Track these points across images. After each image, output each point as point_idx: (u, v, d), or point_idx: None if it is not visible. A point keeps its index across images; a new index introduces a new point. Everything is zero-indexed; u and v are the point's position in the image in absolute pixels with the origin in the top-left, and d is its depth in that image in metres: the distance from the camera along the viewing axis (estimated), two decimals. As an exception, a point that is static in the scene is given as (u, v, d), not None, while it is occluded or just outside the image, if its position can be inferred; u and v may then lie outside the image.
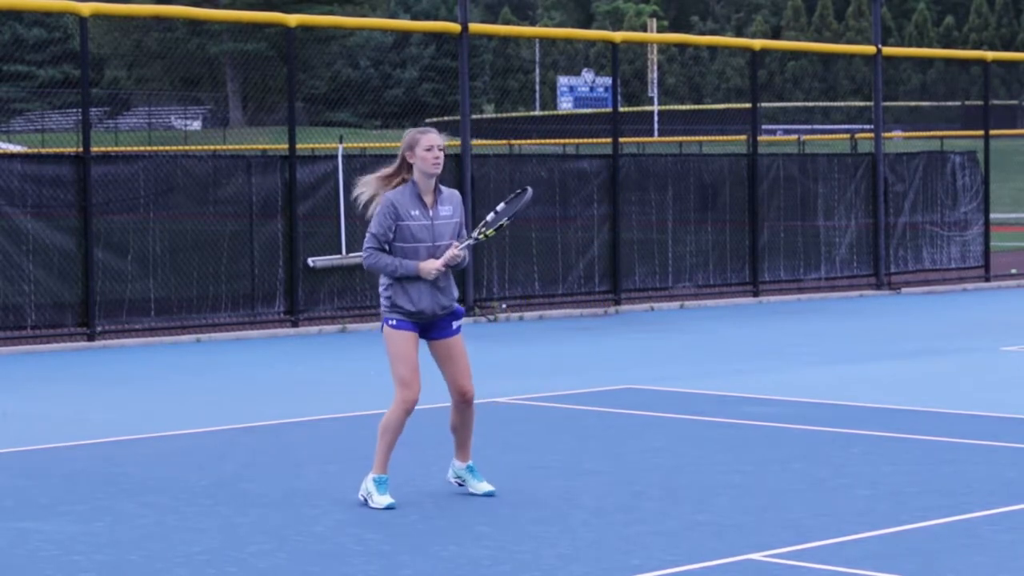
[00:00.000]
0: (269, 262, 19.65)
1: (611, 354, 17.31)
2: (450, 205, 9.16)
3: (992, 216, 27.78)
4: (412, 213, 9.03)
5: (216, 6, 58.23)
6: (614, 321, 21.15)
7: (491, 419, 12.60)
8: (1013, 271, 27.93)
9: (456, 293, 9.28)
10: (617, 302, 22.39)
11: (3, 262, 17.81)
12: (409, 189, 9.06)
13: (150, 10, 21.19)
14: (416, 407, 9.16)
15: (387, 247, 9.06)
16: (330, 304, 20.10)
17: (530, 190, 9.42)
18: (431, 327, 9.15)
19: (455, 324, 9.19)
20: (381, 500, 9.03)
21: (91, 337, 18.20)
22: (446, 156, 9.81)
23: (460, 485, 9.41)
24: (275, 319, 19.66)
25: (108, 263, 18.44)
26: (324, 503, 9.20)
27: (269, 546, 8.17)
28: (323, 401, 13.57)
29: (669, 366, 16.07)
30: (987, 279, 26.72)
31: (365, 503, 9.10)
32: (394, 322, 9.07)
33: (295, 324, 19.64)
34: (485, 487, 9.34)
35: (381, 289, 9.15)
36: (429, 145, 9.01)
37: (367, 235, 9.10)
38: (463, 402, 9.25)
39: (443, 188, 9.18)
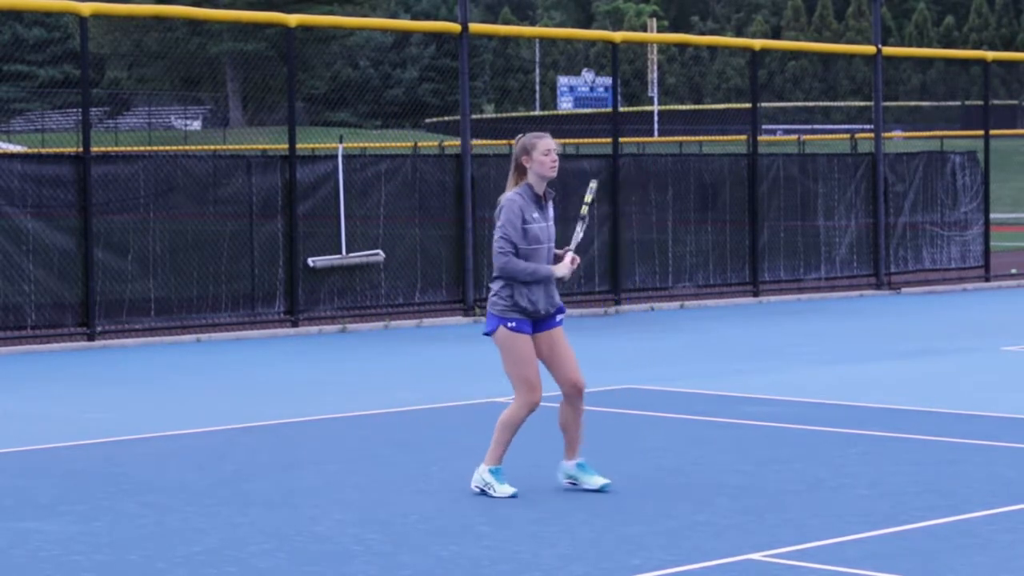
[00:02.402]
0: (269, 262, 19.65)
1: (611, 354, 17.30)
2: (551, 209, 9.37)
3: (992, 216, 27.78)
4: (533, 216, 9.22)
5: (216, 6, 58.21)
6: (614, 321, 21.15)
7: (491, 419, 12.59)
8: (1013, 271, 27.93)
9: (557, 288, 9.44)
10: (617, 302, 22.39)
11: (3, 262, 17.81)
12: (527, 192, 9.24)
13: (150, 10, 21.19)
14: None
15: (518, 248, 9.16)
16: (330, 304, 20.10)
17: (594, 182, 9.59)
18: (539, 323, 9.32)
19: (559, 317, 9.36)
20: (504, 489, 9.24)
21: (91, 337, 18.20)
22: (449, 156, 9.91)
23: (573, 485, 9.44)
24: (275, 319, 19.66)
25: (108, 263, 18.44)
26: (324, 503, 9.20)
27: (269, 546, 8.17)
28: (323, 401, 13.56)
29: (669, 366, 16.06)
30: (987, 279, 26.72)
31: (483, 493, 9.27)
32: (513, 324, 9.22)
33: (295, 324, 19.64)
34: (599, 481, 9.37)
35: (497, 288, 9.25)
36: (547, 149, 9.23)
37: (498, 238, 9.18)
38: (576, 394, 9.36)
39: (551, 191, 9.37)
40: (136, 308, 18.66)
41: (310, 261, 19.90)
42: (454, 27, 21.39)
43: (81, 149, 18.36)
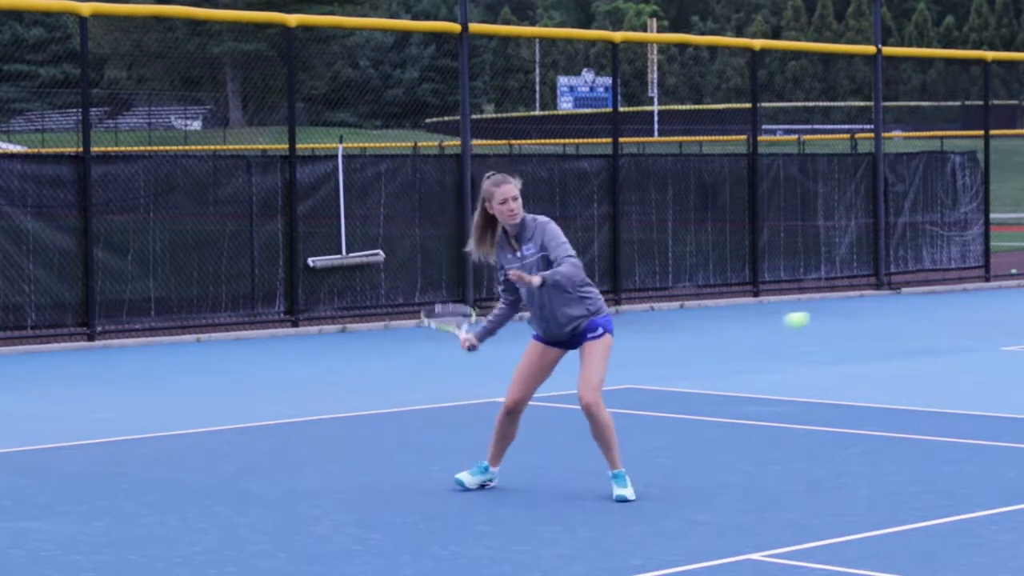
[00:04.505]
0: (269, 262, 19.65)
1: (611, 354, 17.26)
2: (532, 242, 9.31)
3: (992, 216, 27.79)
4: (507, 257, 9.34)
5: (216, 6, 58.21)
6: (614, 321, 21.11)
7: (492, 419, 12.60)
8: (1013, 271, 27.93)
9: (577, 314, 9.42)
10: (617, 302, 22.39)
11: (3, 262, 17.81)
12: (501, 239, 9.36)
13: (150, 10, 21.19)
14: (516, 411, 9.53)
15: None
16: (330, 304, 20.10)
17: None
18: (571, 342, 9.49)
19: (590, 335, 9.48)
20: (462, 474, 9.54)
21: (91, 337, 18.20)
22: (448, 156, 9.91)
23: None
24: (275, 319, 19.67)
25: (108, 263, 18.45)
26: (324, 503, 9.20)
27: (269, 546, 8.17)
28: (323, 401, 13.56)
29: (669, 366, 16.06)
30: (987, 279, 26.73)
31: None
32: (534, 334, 9.58)
33: (295, 324, 19.64)
34: (618, 491, 9.20)
35: None
36: (503, 199, 9.21)
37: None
38: (582, 407, 9.32)
39: (529, 223, 9.30)
40: (136, 308, 18.66)
41: (310, 261, 19.90)
42: (454, 27, 21.39)
43: (81, 149, 18.36)
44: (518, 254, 9.29)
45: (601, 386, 9.36)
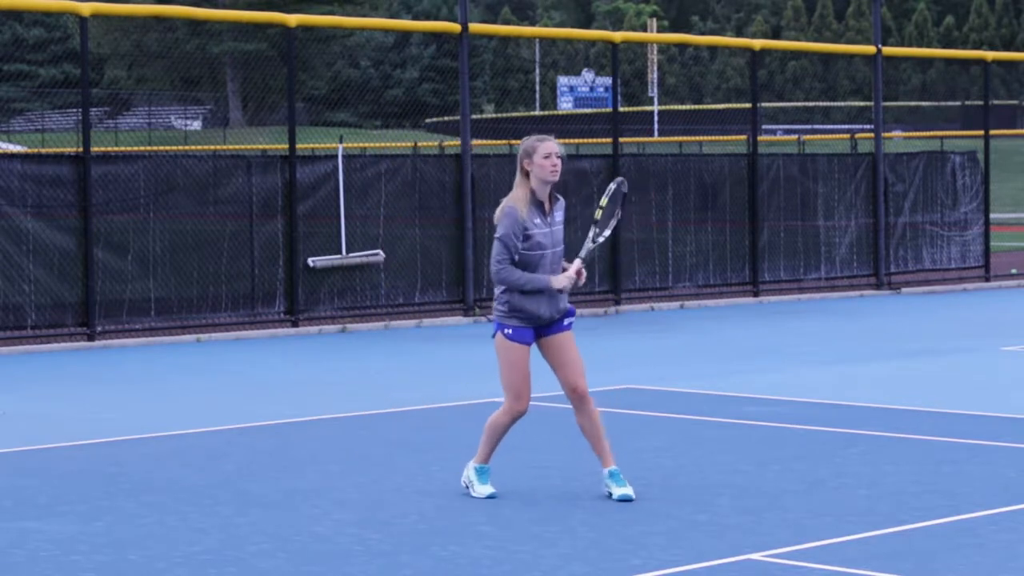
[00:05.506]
0: (269, 262, 19.65)
1: (611, 354, 17.30)
2: (560, 211, 9.25)
3: (992, 216, 27.79)
4: (535, 221, 9.09)
5: (216, 6, 58.21)
6: (614, 321, 21.15)
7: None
8: (1013, 271, 27.93)
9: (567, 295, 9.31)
10: (617, 302, 22.39)
11: (3, 262, 17.81)
12: (528, 197, 9.11)
13: (150, 10, 21.19)
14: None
15: (515, 256, 9.06)
16: (330, 304, 20.10)
17: (621, 180, 9.47)
18: (545, 328, 9.21)
19: (567, 321, 9.25)
20: (482, 490, 9.29)
21: (91, 337, 18.20)
22: (448, 156, 9.85)
23: (610, 496, 9.20)
24: (275, 319, 19.67)
25: (108, 263, 18.45)
26: (324, 503, 9.21)
27: (269, 546, 8.17)
28: (323, 401, 13.56)
29: (669, 366, 16.06)
30: (987, 279, 26.72)
31: (467, 490, 9.33)
32: (510, 331, 9.14)
33: (295, 324, 19.64)
34: (619, 491, 9.14)
35: (498, 293, 9.19)
36: (547, 153, 9.09)
37: (496, 242, 9.10)
38: (577, 399, 9.21)
39: (557, 195, 9.26)
40: (136, 308, 18.66)
41: (310, 261, 19.90)
42: (454, 27, 21.39)
43: (81, 149, 18.37)
44: (548, 219, 9.13)
45: None
